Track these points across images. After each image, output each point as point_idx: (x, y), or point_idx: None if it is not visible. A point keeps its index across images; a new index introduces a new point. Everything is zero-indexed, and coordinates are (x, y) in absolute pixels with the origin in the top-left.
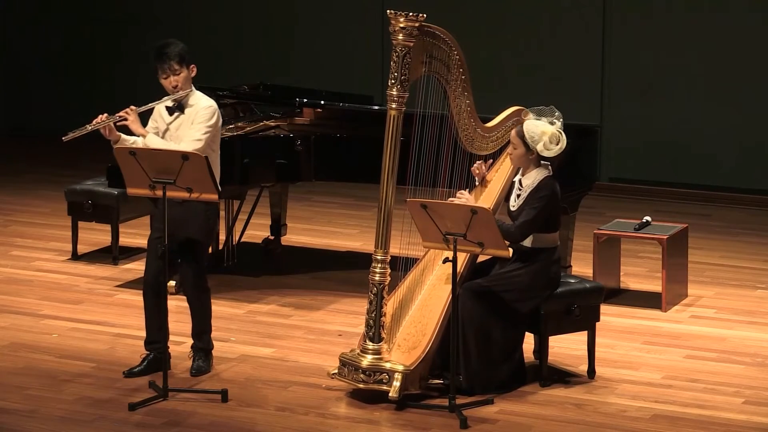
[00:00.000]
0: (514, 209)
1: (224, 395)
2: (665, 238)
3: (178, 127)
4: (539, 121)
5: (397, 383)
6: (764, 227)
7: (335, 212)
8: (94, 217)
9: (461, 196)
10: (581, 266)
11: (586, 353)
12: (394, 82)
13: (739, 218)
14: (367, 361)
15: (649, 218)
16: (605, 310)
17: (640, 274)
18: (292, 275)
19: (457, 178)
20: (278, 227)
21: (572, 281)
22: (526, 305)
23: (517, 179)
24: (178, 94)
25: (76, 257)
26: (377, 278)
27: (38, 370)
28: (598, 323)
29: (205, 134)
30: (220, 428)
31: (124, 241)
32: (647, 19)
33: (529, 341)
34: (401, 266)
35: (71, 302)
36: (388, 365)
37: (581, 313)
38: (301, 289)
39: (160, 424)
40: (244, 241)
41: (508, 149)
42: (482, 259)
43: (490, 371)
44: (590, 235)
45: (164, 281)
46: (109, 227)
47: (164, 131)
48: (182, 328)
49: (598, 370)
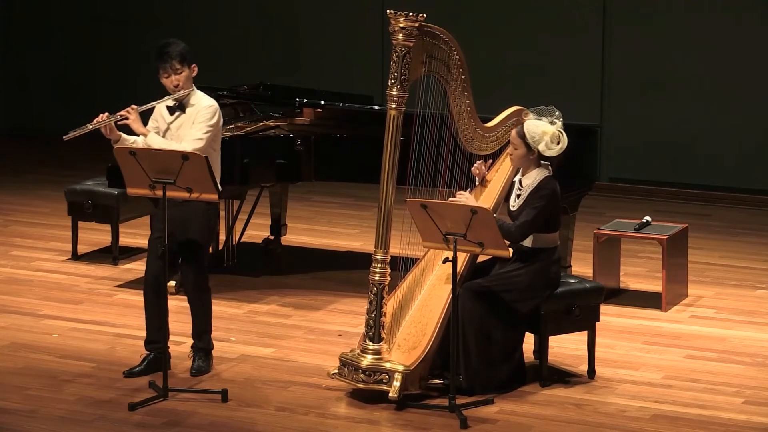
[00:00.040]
0: (514, 209)
1: (224, 395)
2: (665, 238)
3: (179, 126)
4: (540, 121)
5: (397, 383)
6: (764, 227)
7: (335, 212)
8: (94, 217)
9: (460, 196)
10: (581, 266)
11: (586, 353)
12: (394, 82)
13: (739, 218)
14: (367, 361)
15: (649, 218)
16: (605, 310)
17: (640, 274)
18: (292, 275)
19: (457, 178)
20: (278, 227)
21: (572, 281)
22: (526, 305)
23: (517, 179)
24: (179, 93)
25: (76, 257)
26: (377, 278)
27: (38, 370)
28: (598, 323)
29: (206, 134)
30: (220, 428)
31: (124, 241)
32: (647, 19)
33: (529, 341)
34: (401, 266)
35: (71, 302)
36: (388, 365)
37: (581, 313)
38: (301, 289)
39: (160, 424)
40: (244, 241)
41: (508, 149)
42: (482, 259)
43: (490, 371)
44: (590, 235)
45: (164, 281)
46: (109, 227)
47: (165, 131)
48: (182, 328)
49: (598, 370)
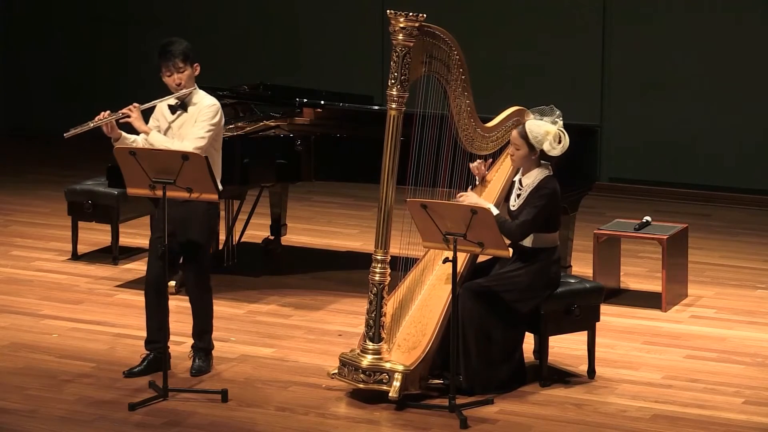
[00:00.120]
0: (514, 209)
1: (224, 395)
2: (665, 238)
3: (180, 125)
4: (541, 120)
5: (397, 383)
6: (764, 227)
7: (335, 212)
8: (94, 217)
9: (461, 196)
10: (581, 266)
11: (586, 353)
12: (394, 82)
13: (739, 218)
14: (367, 361)
15: (649, 218)
16: (605, 310)
17: (640, 274)
18: (292, 275)
19: (457, 178)
20: (278, 227)
21: (572, 281)
22: (526, 305)
23: (517, 179)
24: (181, 92)
25: (76, 257)
26: (377, 278)
27: (38, 370)
28: (598, 323)
29: (208, 132)
30: (220, 428)
31: (124, 241)
32: (647, 19)
33: (529, 341)
34: (401, 266)
35: (71, 302)
36: (388, 365)
37: (581, 313)
38: (301, 289)
39: (160, 424)
40: (244, 241)
41: (509, 149)
42: (482, 259)
43: (490, 371)
44: (590, 235)
45: (165, 281)
46: (109, 227)
47: (166, 129)
48: (182, 328)
49: (598, 370)
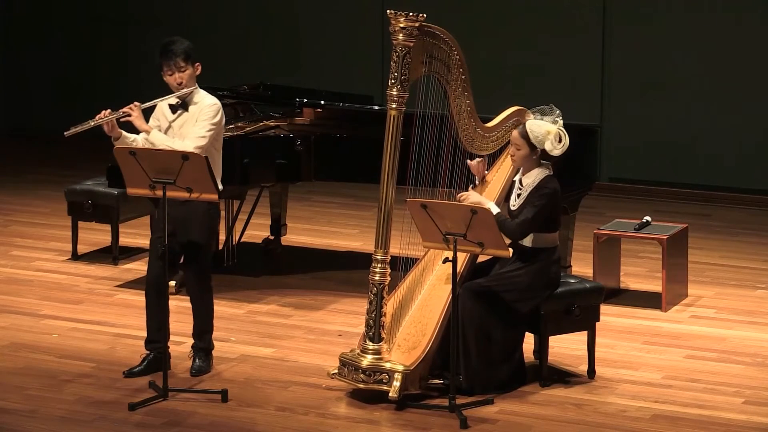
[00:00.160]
0: (514, 208)
1: (224, 395)
2: (665, 238)
3: (181, 124)
4: (541, 120)
5: (397, 383)
6: (764, 227)
7: (335, 212)
8: (94, 217)
9: (462, 196)
10: (581, 266)
11: (586, 353)
12: (394, 82)
13: (739, 218)
14: (367, 361)
15: (649, 218)
16: (605, 310)
17: (640, 274)
18: (292, 275)
19: (457, 178)
20: (278, 227)
21: (572, 281)
22: (526, 305)
23: (517, 179)
24: (182, 91)
25: (76, 257)
26: (377, 278)
27: (38, 370)
28: (598, 323)
29: (209, 131)
30: (220, 428)
31: (124, 241)
32: (647, 19)
33: (529, 341)
34: (401, 266)
35: (71, 302)
36: (388, 365)
37: (581, 313)
38: (301, 289)
39: (160, 424)
40: (244, 241)
41: (509, 150)
42: (482, 259)
43: (490, 371)
44: (590, 235)
45: (166, 281)
46: (109, 227)
47: (166, 129)
48: (182, 328)
49: (598, 370)
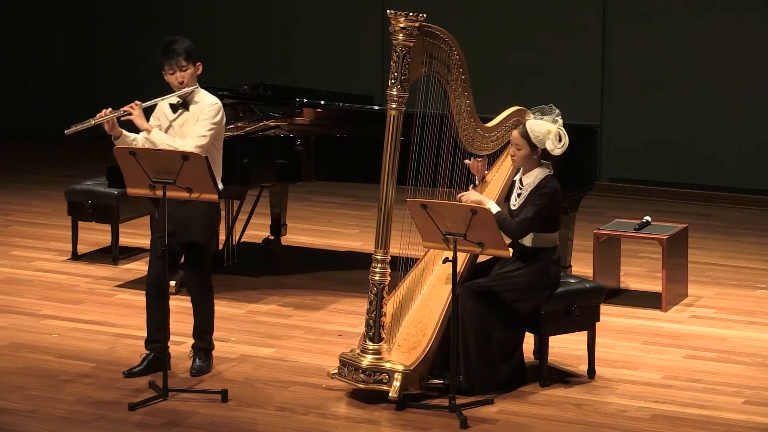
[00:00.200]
0: (515, 208)
1: (224, 395)
2: (665, 238)
3: (182, 124)
4: (541, 120)
5: (397, 383)
6: (764, 227)
7: (335, 212)
8: (94, 217)
9: (463, 196)
10: (581, 266)
11: (586, 353)
12: (394, 82)
13: (739, 218)
14: (367, 361)
15: (649, 218)
16: (605, 310)
17: (640, 274)
18: (292, 275)
19: (457, 178)
20: (278, 227)
21: (572, 281)
22: (526, 305)
23: (517, 179)
24: (183, 90)
25: (76, 257)
26: (377, 278)
27: (38, 370)
28: (598, 323)
29: (209, 131)
30: (220, 428)
31: (124, 241)
32: (647, 19)
33: (529, 341)
34: (401, 266)
35: (71, 302)
36: (388, 365)
37: (581, 313)
38: (301, 289)
39: (160, 424)
40: (244, 241)
41: (509, 150)
42: (482, 259)
43: (490, 371)
44: (590, 235)
45: (166, 281)
46: (109, 227)
47: (167, 128)
48: (182, 328)
49: (598, 370)
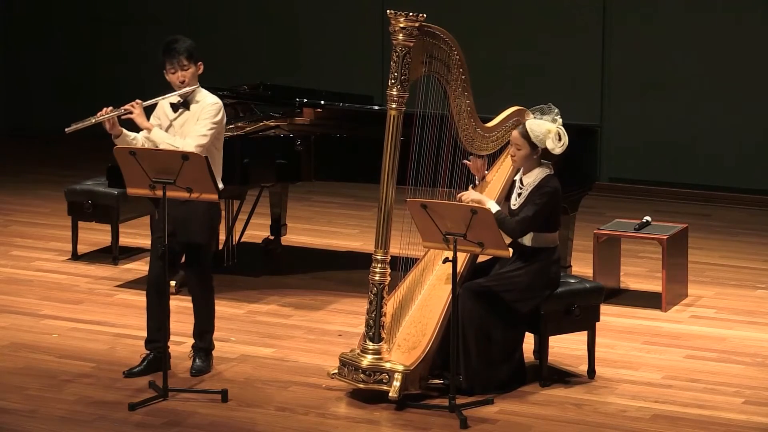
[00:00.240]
0: (515, 208)
1: (224, 395)
2: (665, 238)
3: (182, 123)
4: (541, 119)
5: (397, 383)
6: (764, 227)
7: (335, 212)
8: (94, 217)
9: (463, 196)
10: (581, 266)
11: (586, 353)
12: (394, 82)
13: (739, 218)
14: (367, 361)
15: (649, 218)
16: (605, 310)
17: (640, 274)
18: (292, 275)
19: (457, 178)
20: (278, 227)
21: (572, 281)
22: (526, 305)
23: (517, 178)
24: (184, 90)
25: (76, 257)
26: (377, 278)
27: (38, 370)
28: (598, 323)
29: (210, 130)
30: (220, 428)
31: (124, 241)
32: (647, 18)
33: (529, 341)
34: (401, 266)
35: (71, 302)
36: (388, 365)
37: (581, 313)
38: (301, 289)
39: (160, 424)
40: (244, 241)
41: (509, 150)
42: (482, 259)
43: (490, 371)
44: (590, 235)
45: (166, 281)
46: (109, 227)
47: (168, 127)
48: (182, 328)
49: (598, 370)
